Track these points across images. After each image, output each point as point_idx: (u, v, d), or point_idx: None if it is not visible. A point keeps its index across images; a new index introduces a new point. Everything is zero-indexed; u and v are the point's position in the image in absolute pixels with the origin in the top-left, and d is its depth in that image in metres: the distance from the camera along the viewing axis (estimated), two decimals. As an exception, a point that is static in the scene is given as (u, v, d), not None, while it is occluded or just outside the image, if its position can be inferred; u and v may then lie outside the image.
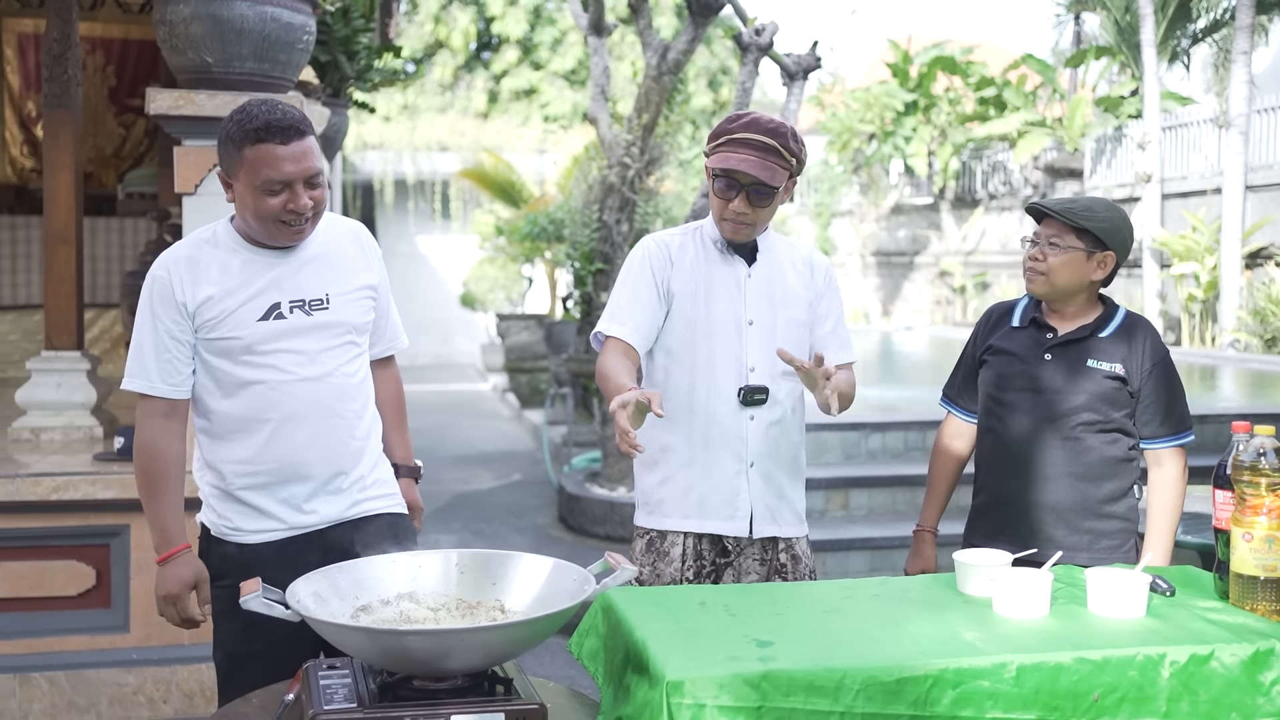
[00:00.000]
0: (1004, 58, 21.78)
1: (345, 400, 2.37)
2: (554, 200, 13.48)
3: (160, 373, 2.29)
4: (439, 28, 23.59)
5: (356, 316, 2.40)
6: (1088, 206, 2.66)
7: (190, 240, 2.36)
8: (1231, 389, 9.78)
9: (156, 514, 2.32)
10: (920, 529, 2.92)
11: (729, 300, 2.60)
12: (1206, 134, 15.18)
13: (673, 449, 2.61)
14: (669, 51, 7.04)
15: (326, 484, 2.36)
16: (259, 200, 2.21)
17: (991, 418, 2.77)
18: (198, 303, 2.27)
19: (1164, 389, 2.66)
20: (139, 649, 3.82)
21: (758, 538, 2.62)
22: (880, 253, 20.85)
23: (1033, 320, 2.75)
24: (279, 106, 2.22)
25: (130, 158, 8.48)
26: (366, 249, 2.48)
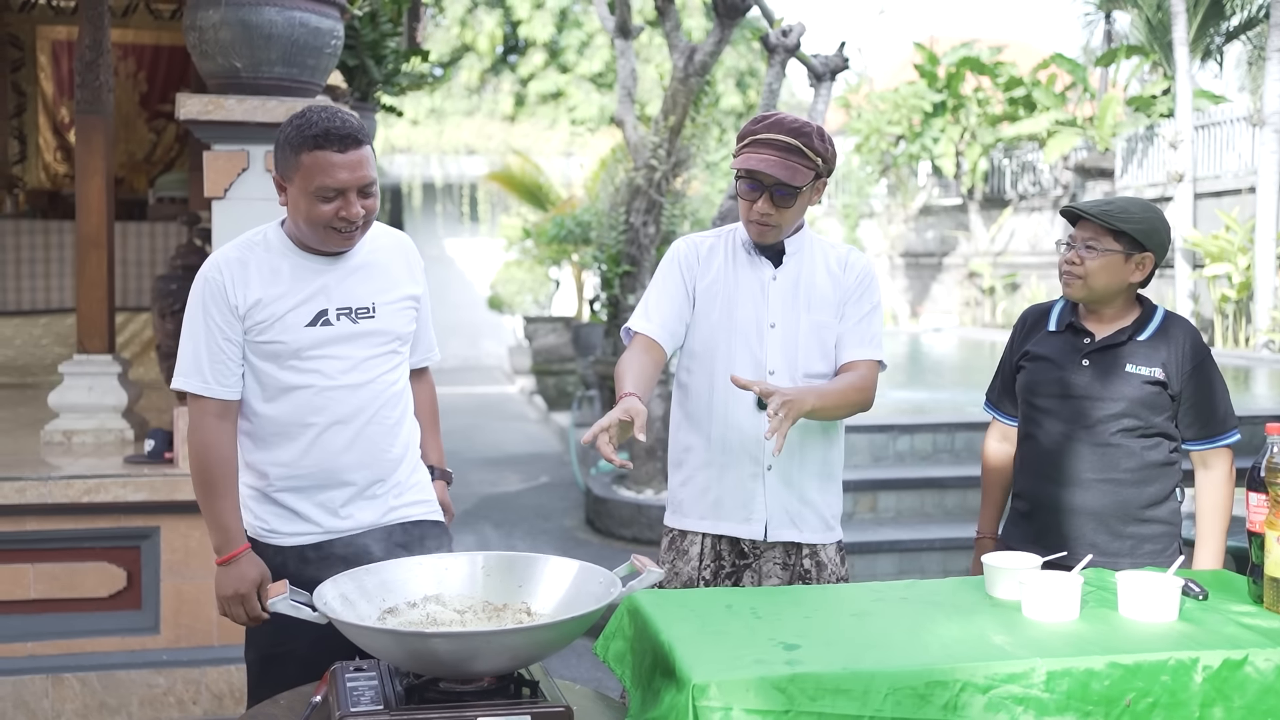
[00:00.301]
0: (1033, 57, 21.62)
1: (386, 407, 2.38)
2: (581, 203, 13.49)
3: (214, 374, 2.30)
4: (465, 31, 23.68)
5: (400, 326, 2.42)
6: (1123, 208, 2.62)
7: (241, 242, 2.37)
8: (1266, 390, 9.65)
9: (217, 515, 2.31)
10: (981, 535, 2.91)
11: (752, 303, 2.60)
12: (1240, 132, 15.00)
13: (693, 450, 2.63)
14: (695, 53, 7.03)
15: (364, 490, 2.37)
16: (312, 206, 2.23)
17: (1030, 424, 2.75)
18: (248, 305, 2.29)
19: (1206, 390, 2.62)
20: (169, 650, 3.85)
21: (774, 542, 2.60)
22: (908, 254, 20.74)
23: (1069, 324, 2.71)
24: (339, 114, 2.24)
25: (161, 163, 8.56)
26: (412, 260, 2.50)
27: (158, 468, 3.90)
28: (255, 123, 3.76)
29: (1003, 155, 19.91)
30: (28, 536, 3.82)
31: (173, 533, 3.84)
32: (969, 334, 17.53)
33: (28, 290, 7.00)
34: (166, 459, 3.94)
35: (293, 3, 3.74)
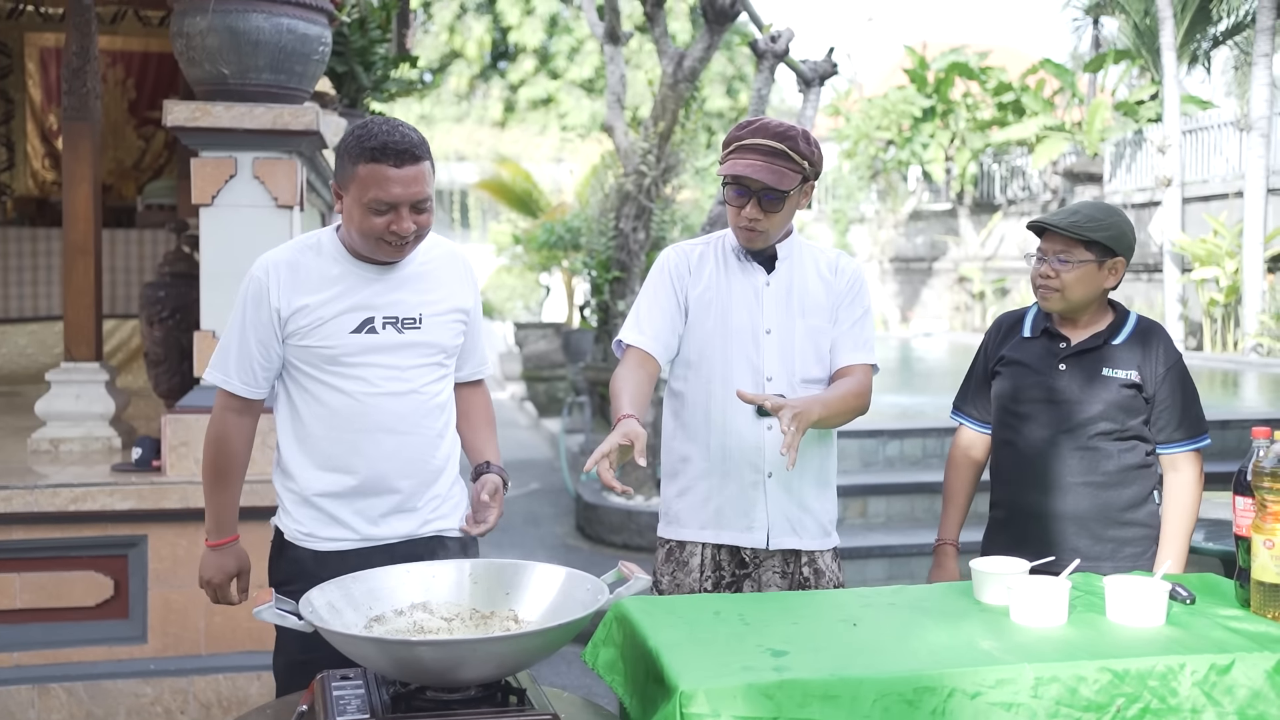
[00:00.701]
0: (1021, 62, 21.70)
1: (428, 418, 2.39)
2: (571, 209, 13.50)
3: (238, 371, 2.35)
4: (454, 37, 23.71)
5: (447, 339, 2.42)
6: (1090, 216, 2.63)
7: (294, 245, 2.39)
8: (1254, 394, 9.69)
9: (217, 503, 2.43)
10: (941, 542, 2.88)
11: (746, 309, 2.59)
12: (1227, 137, 15.07)
13: (691, 460, 2.61)
14: (684, 59, 7.04)
15: (403, 500, 2.38)
16: (364, 217, 2.24)
17: (1007, 430, 2.75)
18: (292, 310, 2.31)
19: (1179, 393, 2.65)
20: (156, 659, 3.82)
21: (775, 549, 2.59)
22: (898, 259, 20.79)
23: (1044, 330, 2.73)
24: (400, 128, 2.24)
25: (150, 170, 8.54)
26: (465, 273, 2.49)
27: (145, 476, 3.88)
28: (243, 129, 3.75)
29: (992, 160, 19.98)
30: (14, 545, 3.79)
31: (160, 541, 3.82)
32: (959, 339, 17.57)
33: (15, 298, 6.98)
34: (154, 467, 3.92)
35: (280, 9, 3.74)
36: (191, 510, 3.79)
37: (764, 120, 2.57)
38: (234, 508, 2.44)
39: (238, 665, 3.81)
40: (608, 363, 7.80)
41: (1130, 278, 15.94)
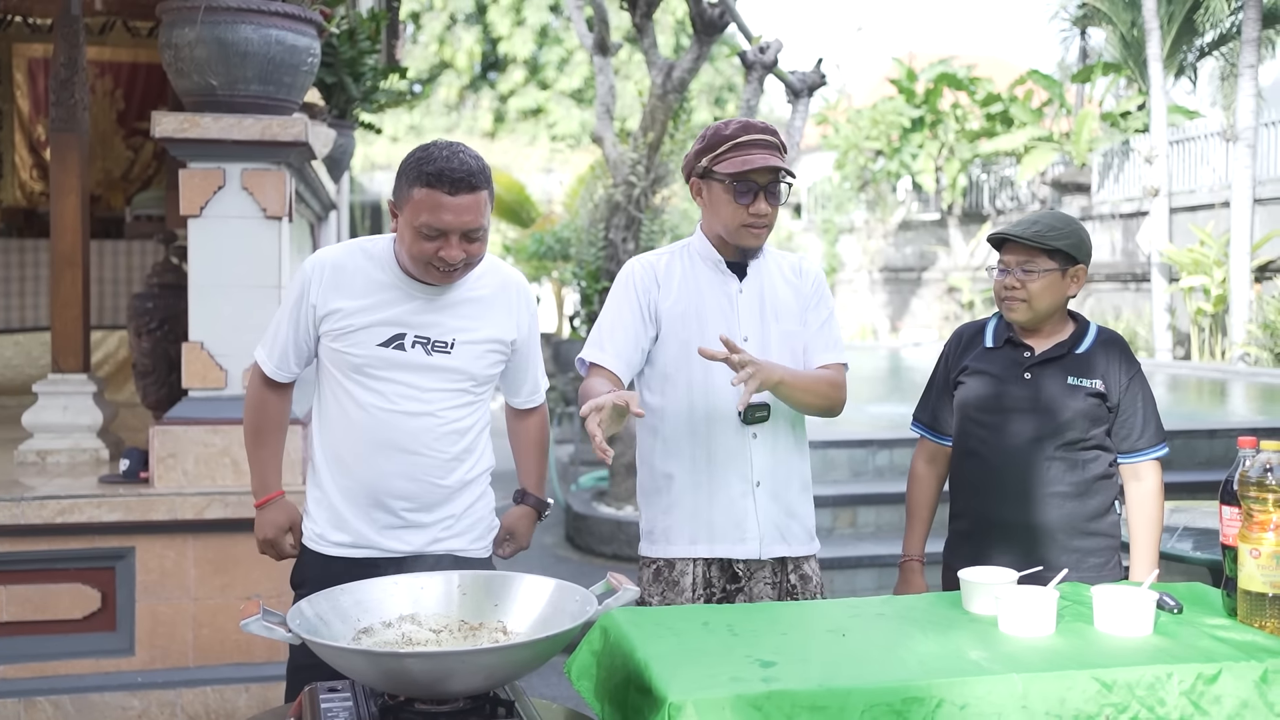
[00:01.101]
0: (1008, 73, 21.82)
1: (442, 441, 2.39)
2: (560, 219, 13.51)
3: (272, 350, 2.46)
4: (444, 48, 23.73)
5: (479, 368, 2.41)
6: (1050, 225, 2.64)
7: (350, 244, 2.42)
8: (1241, 403, 9.73)
9: (258, 462, 2.54)
10: (907, 558, 2.87)
11: (722, 318, 2.56)
12: (1214, 147, 15.16)
13: (676, 476, 2.56)
14: (674, 70, 7.06)
15: (407, 519, 2.40)
16: (414, 240, 2.25)
17: (971, 440, 2.73)
18: (327, 310, 2.35)
19: (1141, 402, 2.66)
20: (144, 672, 3.81)
21: (767, 559, 2.58)
22: (888, 269, 20.85)
23: (1008, 339, 2.72)
24: (461, 154, 2.23)
25: (139, 180, 8.52)
26: (516, 304, 2.48)
27: (133, 487, 3.86)
28: (231, 140, 3.75)
29: (981, 171, 20.06)
30: (0, 558, 3.77)
31: (148, 553, 3.80)
32: (948, 348, 17.57)
33: (1, 309, 6.95)
34: (142, 479, 3.91)
35: (269, 20, 3.74)
36: (180, 522, 3.78)
37: (743, 119, 2.56)
38: (276, 465, 2.54)
39: (226, 678, 3.79)
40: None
41: (1118, 287, 16.01)
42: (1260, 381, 10.92)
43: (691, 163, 2.58)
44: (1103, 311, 15.67)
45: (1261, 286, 13.35)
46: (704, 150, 2.54)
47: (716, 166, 2.51)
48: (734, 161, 2.48)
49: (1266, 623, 2.04)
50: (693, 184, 2.59)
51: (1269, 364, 12.21)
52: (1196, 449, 6.36)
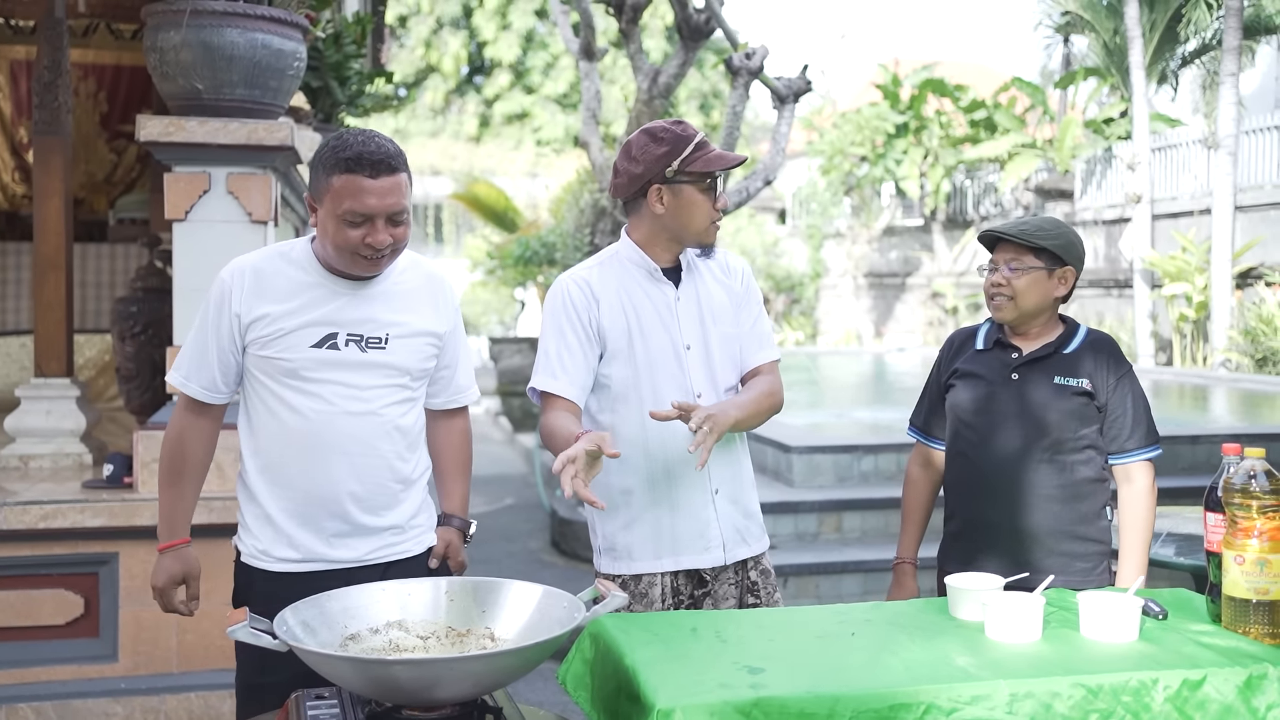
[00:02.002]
0: (991, 80, 21.93)
1: (386, 441, 2.33)
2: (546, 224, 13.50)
3: (197, 374, 2.33)
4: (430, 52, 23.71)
5: (414, 362, 2.37)
6: (1040, 226, 2.67)
7: (267, 251, 2.36)
8: (1223, 409, 9.79)
9: (167, 505, 2.38)
10: (900, 561, 2.89)
11: (663, 327, 2.51)
12: (1195, 155, 15.27)
13: (634, 492, 2.51)
14: (660, 75, 7.08)
15: (358, 522, 2.33)
16: (339, 230, 2.20)
17: (961, 441, 2.76)
18: (253, 317, 2.27)
19: (1130, 402, 2.67)
20: (127, 678, 3.78)
21: (731, 562, 2.57)
22: (872, 274, 20.91)
23: (997, 341, 2.75)
24: (375, 139, 2.21)
25: (122, 184, 8.46)
26: (441, 297, 2.44)
27: (117, 493, 3.84)
28: (217, 144, 3.74)
29: (965, 177, 20.15)
30: (-18, 563, 3.75)
31: (132, 559, 3.78)
32: (932, 354, 17.57)
33: (-17, 312, 6.90)
34: (125, 484, 3.89)
35: (255, 24, 3.73)
36: (163, 527, 3.75)
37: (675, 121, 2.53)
38: (186, 510, 2.38)
39: (210, 683, 3.77)
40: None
41: (1101, 293, 16.09)
42: (1242, 388, 10.99)
43: (654, 168, 2.45)
44: (1086, 317, 15.74)
45: (1242, 293, 13.44)
46: (670, 153, 2.45)
47: (690, 167, 2.45)
48: (707, 159, 2.45)
49: (1250, 628, 2.05)
50: (653, 191, 2.46)
51: (1250, 370, 12.30)
52: (1179, 455, 6.40)
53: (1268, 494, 2.02)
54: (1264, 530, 2.03)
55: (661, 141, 2.47)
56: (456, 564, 2.56)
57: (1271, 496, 2.02)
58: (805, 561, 5.48)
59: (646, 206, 2.49)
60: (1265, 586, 2.03)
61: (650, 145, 2.47)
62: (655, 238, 2.53)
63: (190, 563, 2.38)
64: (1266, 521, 2.03)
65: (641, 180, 2.48)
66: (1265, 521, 2.03)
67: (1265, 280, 13.11)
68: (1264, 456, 2.07)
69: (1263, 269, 13.30)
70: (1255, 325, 12.31)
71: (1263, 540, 2.03)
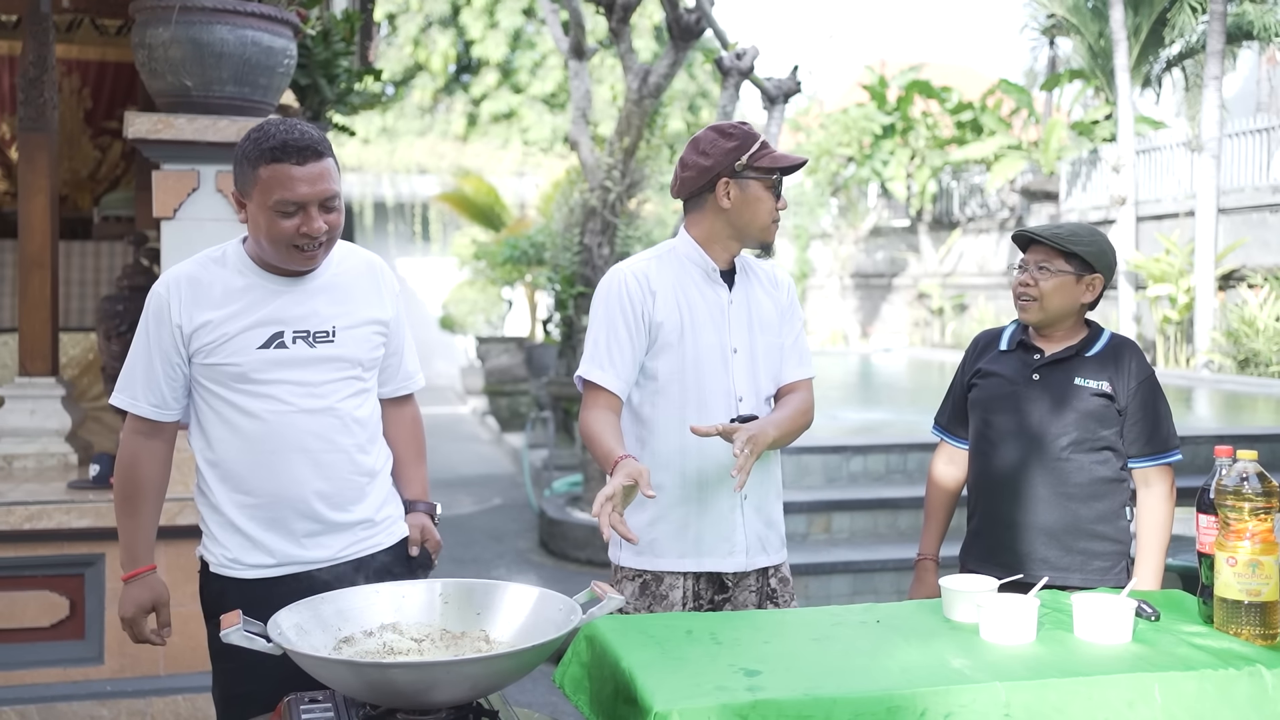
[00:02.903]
0: (977, 82, 21.99)
1: (347, 434, 2.30)
2: (534, 223, 13.48)
3: (145, 392, 2.26)
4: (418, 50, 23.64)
5: (363, 352, 2.34)
6: (1073, 231, 2.70)
7: (198, 259, 2.31)
8: (1208, 410, 9.85)
9: (126, 533, 2.33)
10: (922, 557, 2.91)
11: (714, 328, 2.53)
12: (1179, 158, 15.35)
13: (664, 487, 2.50)
14: (650, 75, 7.07)
15: (328, 520, 2.30)
16: (271, 222, 2.16)
17: (983, 440, 2.79)
18: (194, 326, 2.22)
19: (1150, 407, 2.68)
20: (113, 681, 3.75)
21: (752, 569, 2.58)
22: (858, 274, 20.95)
23: (1020, 343, 2.78)
24: (298, 126, 2.18)
25: (106, 181, 8.41)
26: (382, 283, 2.41)
27: (103, 493, 3.81)
28: (206, 142, 3.71)
29: (951, 178, 20.20)
30: (-33, 564, 3.72)
31: (118, 560, 3.74)
32: (918, 354, 17.71)
33: (-34, 310, 6.84)
34: (112, 484, 3.85)
35: (245, 21, 3.71)
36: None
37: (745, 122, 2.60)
38: (148, 537, 2.31)
39: (197, 686, 3.74)
40: (571, 378, 7.77)
41: (1086, 295, 16.15)
42: (1225, 389, 11.06)
43: (724, 161, 2.49)
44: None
45: (1225, 295, 13.52)
46: (740, 148, 2.49)
47: (758, 162, 2.49)
48: (774, 156, 2.51)
49: (1242, 630, 2.06)
50: (721, 184, 2.50)
51: (1232, 371, 12.37)
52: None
53: (1260, 496, 2.03)
54: (1256, 532, 2.04)
55: (731, 137, 2.52)
56: (434, 544, 2.54)
57: (1263, 499, 2.03)
58: (794, 562, 5.44)
59: (713, 201, 2.52)
60: (1257, 588, 2.04)
61: (720, 140, 2.52)
62: (717, 235, 2.55)
63: (159, 590, 2.32)
64: (1259, 523, 2.04)
65: (710, 174, 2.51)
66: (1257, 523, 2.04)
67: (1248, 282, 13.19)
68: (1256, 459, 2.07)
69: (1245, 271, 13.39)
70: (1238, 327, 12.39)
71: (1255, 542, 2.04)
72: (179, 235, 3.77)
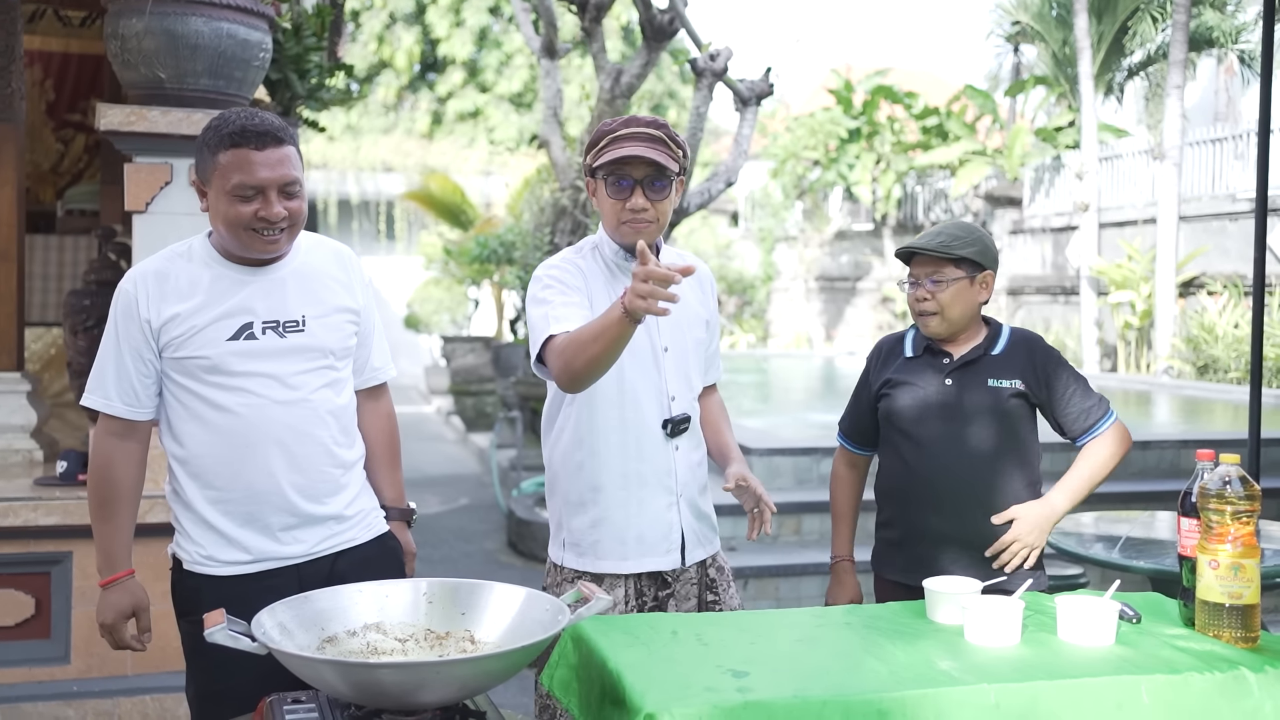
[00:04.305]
0: (941, 88, 22.16)
1: (322, 426, 2.28)
2: (503, 223, 13.43)
3: (118, 391, 2.23)
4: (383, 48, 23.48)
5: (335, 341, 2.32)
6: (954, 235, 2.68)
7: (164, 254, 2.28)
8: (1167, 415, 9.98)
9: (103, 537, 2.28)
10: (839, 559, 2.89)
11: (644, 328, 2.43)
12: (1141, 165, 15.55)
13: (604, 489, 2.49)
14: (623, 75, 7.06)
15: (304, 513, 2.27)
16: (230, 207, 2.15)
17: (901, 450, 2.74)
18: (163, 320, 2.19)
19: (1074, 382, 2.70)
20: (80, 681, 3.69)
21: (691, 564, 2.58)
22: (823, 278, 21.04)
23: (927, 348, 2.76)
24: (259, 115, 2.17)
25: (69, 174, 8.28)
26: (350, 272, 2.40)
27: (70, 490, 3.75)
28: (179, 135, 3.66)
29: (916, 183, 20.35)
30: (-72, 562, 3.64)
31: (86, 558, 3.69)
32: (883, 357, 17.75)
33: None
34: (80, 481, 3.79)
35: (220, 14, 3.66)
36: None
37: (632, 115, 2.50)
38: (125, 541, 2.27)
39: (166, 686, 3.69)
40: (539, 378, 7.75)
41: (1048, 300, 16.34)
42: (1185, 394, 11.21)
43: (588, 160, 2.48)
44: (1032, 323, 15.98)
45: (1185, 301, 13.71)
46: (589, 146, 2.48)
47: (598, 161, 2.44)
48: (609, 152, 2.40)
49: (1223, 632, 2.08)
50: (587, 184, 2.51)
51: (1192, 377, 12.55)
52: (1130, 460, 6.49)
53: (1242, 500, 2.05)
54: (1238, 535, 2.06)
55: (596, 132, 2.47)
56: (409, 554, 2.53)
57: (1246, 502, 2.05)
58: (765, 564, 5.50)
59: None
60: (1239, 591, 2.06)
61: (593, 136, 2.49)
62: (606, 232, 2.52)
63: (139, 595, 2.29)
64: (1240, 527, 2.06)
65: (588, 172, 2.50)
66: (1239, 527, 2.06)
67: (1207, 289, 13.39)
68: (1239, 462, 2.10)
69: (1205, 278, 13.59)
70: (1197, 333, 12.56)
71: (1236, 545, 2.06)
72: (151, 229, 3.71)
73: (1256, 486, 2.07)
